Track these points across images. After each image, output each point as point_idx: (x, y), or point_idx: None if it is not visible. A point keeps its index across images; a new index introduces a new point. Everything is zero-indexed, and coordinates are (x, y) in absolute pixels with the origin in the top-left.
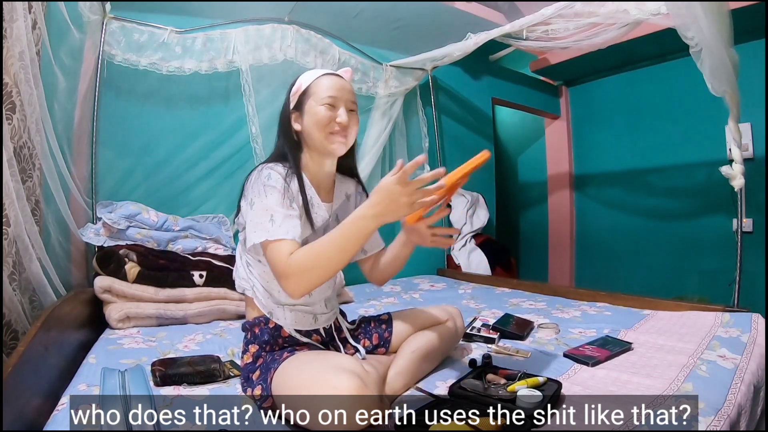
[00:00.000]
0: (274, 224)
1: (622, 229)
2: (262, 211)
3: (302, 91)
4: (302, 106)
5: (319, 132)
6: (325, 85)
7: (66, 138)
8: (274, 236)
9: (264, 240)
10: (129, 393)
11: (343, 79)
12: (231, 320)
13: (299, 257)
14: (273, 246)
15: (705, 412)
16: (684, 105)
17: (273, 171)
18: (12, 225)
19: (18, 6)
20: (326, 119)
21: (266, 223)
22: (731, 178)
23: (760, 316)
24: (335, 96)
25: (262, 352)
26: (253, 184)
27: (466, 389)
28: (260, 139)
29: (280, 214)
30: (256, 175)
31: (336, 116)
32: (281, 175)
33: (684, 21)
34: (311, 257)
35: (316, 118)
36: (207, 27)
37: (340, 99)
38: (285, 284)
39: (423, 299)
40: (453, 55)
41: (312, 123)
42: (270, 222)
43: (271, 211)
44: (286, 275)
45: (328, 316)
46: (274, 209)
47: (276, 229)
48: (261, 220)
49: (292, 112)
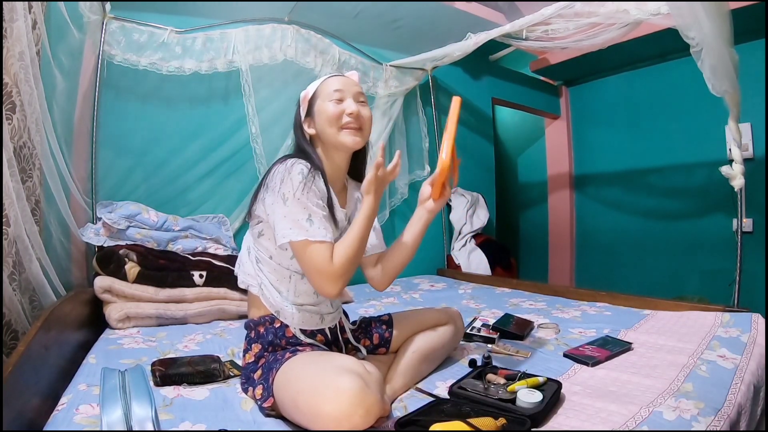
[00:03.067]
0: (312, 225)
1: (622, 229)
2: (299, 208)
3: (310, 96)
4: (312, 109)
5: (331, 127)
6: (331, 83)
7: (66, 138)
8: (314, 237)
9: (303, 239)
10: (129, 393)
11: (348, 77)
12: (231, 320)
13: (341, 260)
14: (313, 247)
15: (705, 412)
16: (684, 105)
17: (304, 166)
18: (12, 225)
19: (18, 6)
20: (336, 113)
21: (304, 222)
22: (731, 178)
23: (760, 316)
24: (341, 89)
25: (264, 351)
26: (282, 176)
27: (466, 389)
28: (260, 139)
29: (317, 214)
30: (283, 168)
31: (344, 108)
32: (310, 171)
33: (685, 21)
34: (350, 257)
35: (326, 115)
36: (207, 27)
37: (346, 92)
38: (328, 286)
39: (423, 299)
40: (453, 55)
41: (323, 121)
42: (308, 221)
43: (309, 210)
44: (332, 278)
45: (333, 316)
46: (312, 209)
47: (315, 230)
48: (298, 217)
49: (305, 120)
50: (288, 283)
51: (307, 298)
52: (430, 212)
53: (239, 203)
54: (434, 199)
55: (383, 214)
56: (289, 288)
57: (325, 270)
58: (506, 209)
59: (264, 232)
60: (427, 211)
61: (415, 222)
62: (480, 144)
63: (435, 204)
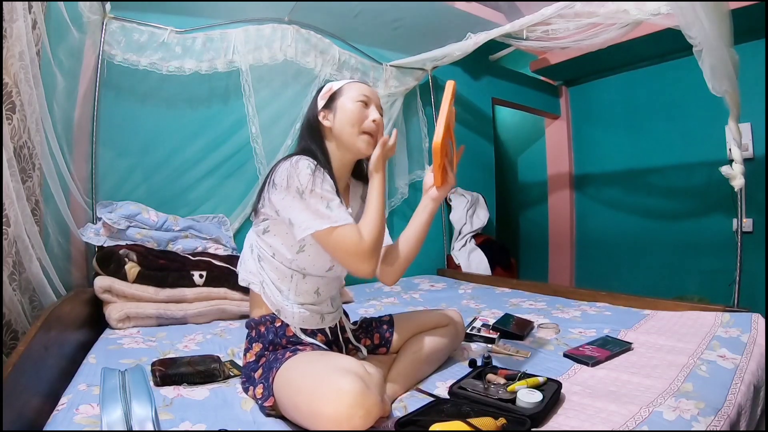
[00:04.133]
0: (332, 211)
1: (622, 229)
2: (316, 199)
3: (334, 91)
4: (333, 103)
5: (351, 128)
6: (358, 87)
7: (66, 138)
8: (338, 222)
9: (327, 227)
10: (129, 393)
11: (372, 88)
12: (231, 320)
13: (370, 236)
14: (339, 231)
15: (705, 412)
16: (684, 105)
17: (310, 161)
18: (12, 225)
19: (18, 6)
20: (359, 115)
21: (324, 210)
22: (731, 178)
23: (760, 316)
24: (368, 96)
25: (265, 351)
26: (289, 173)
27: (466, 389)
28: (260, 139)
29: (335, 201)
30: (289, 165)
31: (368, 114)
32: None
33: (686, 20)
34: (378, 232)
35: (349, 114)
36: (207, 27)
37: (372, 100)
38: (363, 264)
39: (423, 299)
40: (453, 55)
41: (345, 119)
42: (328, 209)
43: (326, 199)
44: (366, 255)
45: (333, 316)
46: (328, 197)
47: (337, 215)
48: (318, 207)
49: (321, 111)
50: (289, 282)
51: (307, 297)
52: (434, 200)
53: (239, 203)
54: (436, 186)
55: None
56: (290, 287)
57: (358, 249)
58: (506, 209)
59: (270, 229)
60: (431, 199)
61: (420, 211)
62: (480, 144)
63: (439, 191)
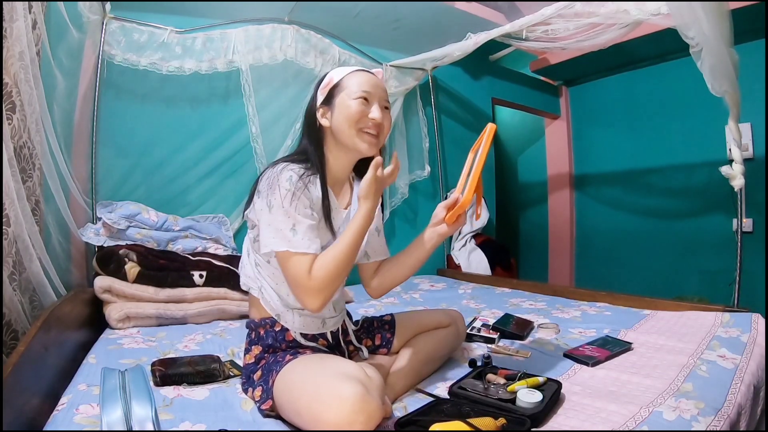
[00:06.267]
0: (296, 235)
1: (622, 229)
2: (283, 217)
3: (333, 85)
4: (332, 99)
5: (350, 128)
6: (359, 80)
7: (66, 138)
8: (296, 248)
9: (285, 250)
10: (129, 393)
11: (376, 77)
12: (231, 320)
13: (321, 273)
14: (294, 258)
15: (705, 412)
16: (684, 105)
17: (293, 173)
18: (12, 225)
19: (18, 6)
20: (359, 114)
21: (287, 232)
22: (731, 178)
23: (760, 316)
24: (370, 92)
25: (264, 353)
26: (270, 182)
27: (466, 389)
28: (260, 139)
29: (303, 224)
30: (273, 174)
31: (369, 112)
32: (300, 178)
33: (685, 21)
34: (331, 271)
35: (348, 112)
36: (207, 27)
37: (374, 95)
38: (307, 300)
39: (423, 299)
40: (453, 55)
41: (343, 118)
42: (292, 231)
43: (293, 220)
44: (310, 292)
45: (335, 320)
46: (296, 218)
47: (298, 241)
48: (282, 227)
49: (320, 107)
50: (287, 287)
51: None
52: (441, 236)
53: (239, 203)
54: (448, 224)
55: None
56: (288, 292)
57: (304, 283)
58: (506, 209)
59: (259, 237)
60: (438, 234)
61: (424, 242)
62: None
63: (447, 229)
